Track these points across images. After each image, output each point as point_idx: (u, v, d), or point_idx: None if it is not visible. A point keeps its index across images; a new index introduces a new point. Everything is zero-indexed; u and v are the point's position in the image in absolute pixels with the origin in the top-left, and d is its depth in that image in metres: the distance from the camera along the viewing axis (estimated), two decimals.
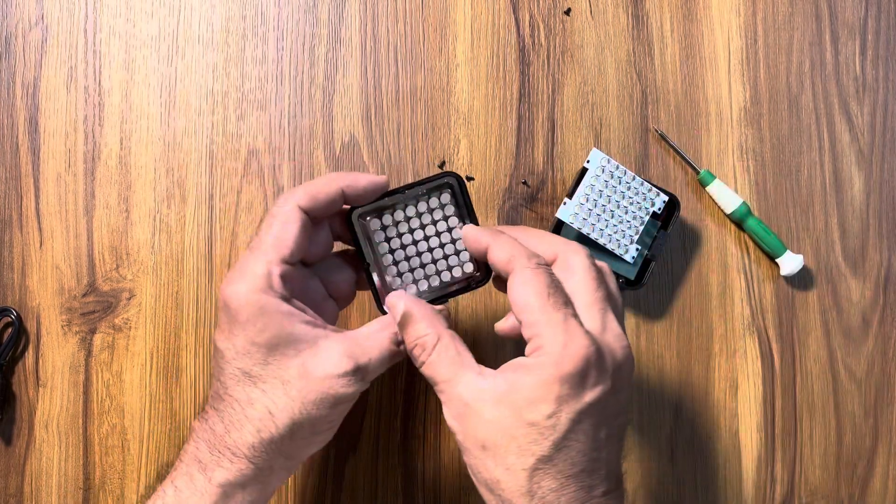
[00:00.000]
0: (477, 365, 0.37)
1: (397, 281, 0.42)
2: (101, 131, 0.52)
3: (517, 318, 0.37)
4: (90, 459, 0.50)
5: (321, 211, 0.40)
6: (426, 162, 0.54)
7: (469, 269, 0.42)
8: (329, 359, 0.38)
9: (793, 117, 0.57)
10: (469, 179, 0.54)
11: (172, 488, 0.38)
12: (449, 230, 0.42)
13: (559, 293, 0.36)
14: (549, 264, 0.38)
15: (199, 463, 0.38)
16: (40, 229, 0.51)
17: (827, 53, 0.57)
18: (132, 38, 0.53)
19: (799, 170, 0.56)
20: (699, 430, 0.54)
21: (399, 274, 0.42)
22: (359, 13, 0.54)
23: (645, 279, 0.52)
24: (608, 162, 0.51)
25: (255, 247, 0.38)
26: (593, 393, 0.34)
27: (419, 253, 0.42)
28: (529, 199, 0.54)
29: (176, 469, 0.39)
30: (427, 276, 0.42)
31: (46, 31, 0.52)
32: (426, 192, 0.41)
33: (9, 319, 0.50)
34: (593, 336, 0.35)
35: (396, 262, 0.42)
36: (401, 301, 0.39)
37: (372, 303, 0.52)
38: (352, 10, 0.54)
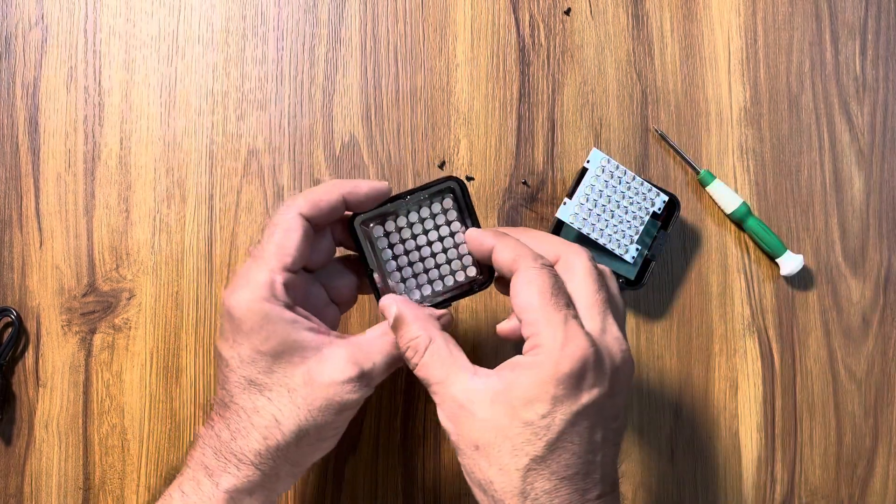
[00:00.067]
0: (471, 365, 0.37)
1: (401, 286, 0.42)
2: (101, 131, 0.52)
3: (518, 317, 0.36)
4: (90, 459, 0.50)
5: (323, 218, 0.40)
6: (426, 162, 0.54)
7: (472, 273, 0.42)
8: (334, 365, 0.38)
9: (793, 117, 0.57)
10: (469, 179, 0.54)
11: (179, 493, 0.38)
12: (451, 234, 0.42)
13: (562, 294, 0.36)
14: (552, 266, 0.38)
15: (206, 469, 0.38)
16: (40, 229, 0.51)
17: (827, 53, 0.57)
18: (132, 38, 0.53)
19: (799, 170, 0.56)
20: (699, 430, 0.54)
21: (402, 279, 0.42)
22: (359, 13, 0.54)
23: (645, 279, 0.52)
24: (608, 162, 0.51)
25: (258, 255, 0.38)
26: (590, 395, 0.34)
27: (422, 258, 0.42)
28: (529, 199, 0.54)
29: (182, 474, 0.39)
30: (430, 281, 0.42)
31: (46, 31, 0.52)
32: (428, 197, 0.41)
33: (9, 319, 0.50)
34: (593, 338, 0.35)
35: (400, 268, 0.42)
36: (393, 304, 0.39)
37: (372, 304, 0.52)
38: (352, 10, 0.54)
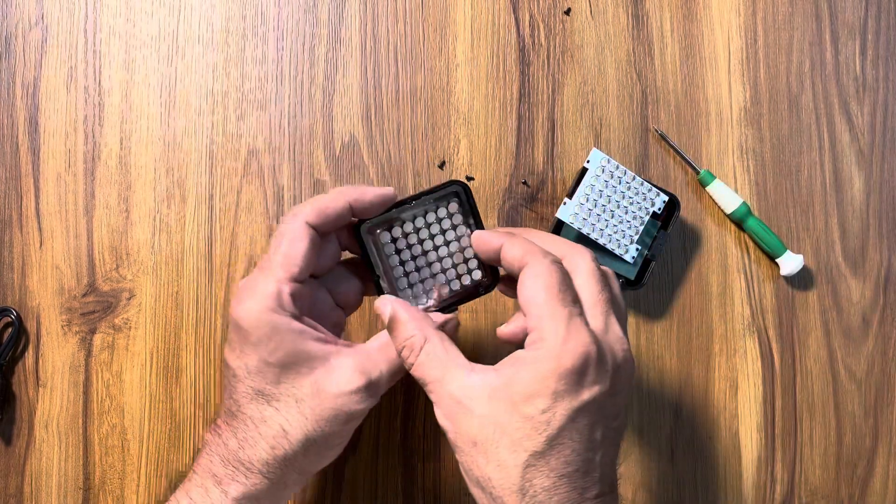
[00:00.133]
0: (468, 362, 0.37)
1: (407, 292, 0.42)
2: (101, 131, 0.52)
3: (523, 311, 0.36)
4: (90, 459, 0.50)
5: (329, 226, 0.39)
6: (426, 162, 0.54)
7: (477, 277, 0.42)
8: (342, 376, 0.38)
9: (793, 117, 0.57)
10: (469, 179, 0.54)
11: (187, 499, 0.38)
12: (457, 238, 0.42)
13: (569, 291, 0.36)
14: None
15: (214, 477, 0.38)
16: (40, 229, 0.51)
17: (827, 53, 0.57)
18: (132, 38, 0.53)
19: (799, 170, 0.56)
20: (699, 430, 0.54)
21: (409, 285, 0.42)
22: (359, 13, 0.54)
23: (645, 279, 0.52)
24: (608, 162, 0.51)
25: (265, 266, 0.38)
26: (591, 391, 0.34)
27: (428, 263, 0.42)
28: (529, 199, 0.54)
29: (190, 480, 0.39)
30: (437, 286, 0.42)
31: (46, 31, 0.52)
32: (433, 202, 0.41)
33: (9, 319, 0.50)
34: (595, 335, 0.35)
35: (406, 273, 0.42)
36: (388, 305, 0.39)
37: (373, 306, 0.52)
38: (352, 10, 0.54)
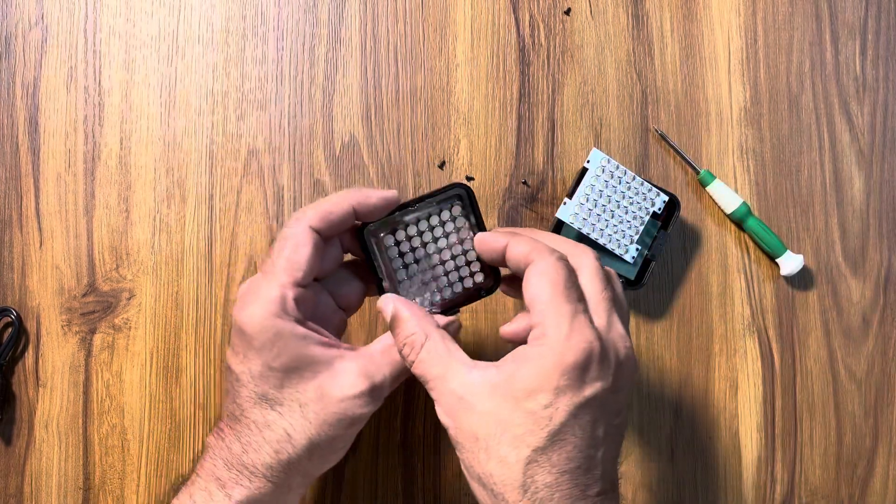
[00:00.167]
0: (469, 359, 0.37)
1: (411, 294, 0.42)
2: (101, 131, 0.52)
3: (528, 307, 0.36)
4: (90, 459, 0.50)
5: (333, 230, 0.39)
6: (426, 162, 0.54)
7: (479, 279, 0.42)
8: (345, 380, 0.38)
9: (793, 117, 0.57)
10: (469, 179, 0.54)
11: (190, 503, 0.38)
12: (460, 241, 0.42)
13: (574, 288, 0.36)
14: None
15: (218, 480, 0.38)
16: (40, 229, 0.51)
17: (827, 53, 0.57)
18: (132, 38, 0.53)
19: (799, 170, 0.56)
20: (699, 430, 0.54)
21: (412, 287, 0.42)
22: (359, 13, 0.54)
23: (645, 279, 0.52)
24: (608, 162, 0.51)
25: (268, 270, 0.38)
26: (593, 388, 0.34)
27: (432, 266, 0.42)
28: (529, 199, 0.54)
29: (193, 483, 0.39)
30: (440, 289, 0.42)
31: (46, 31, 0.52)
32: (437, 205, 0.41)
33: (9, 319, 0.50)
34: (599, 331, 0.35)
35: (410, 276, 0.42)
36: (390, 304, 0.39)
37: (373, 307, 0.52)
38: (352, 10, 0.54)
